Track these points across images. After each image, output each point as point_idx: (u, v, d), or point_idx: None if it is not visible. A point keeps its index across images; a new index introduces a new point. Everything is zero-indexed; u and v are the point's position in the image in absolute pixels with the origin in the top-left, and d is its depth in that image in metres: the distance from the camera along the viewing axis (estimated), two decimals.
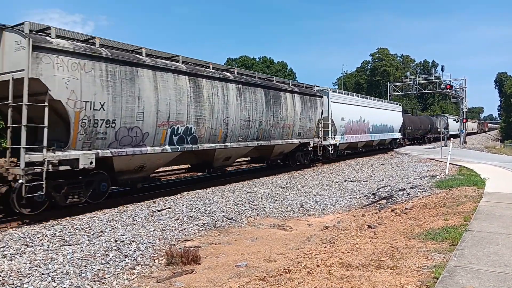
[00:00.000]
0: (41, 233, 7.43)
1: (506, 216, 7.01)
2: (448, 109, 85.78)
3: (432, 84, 44.35)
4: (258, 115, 15.03)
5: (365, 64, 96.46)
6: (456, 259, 4.69)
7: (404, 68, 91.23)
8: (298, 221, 9.67)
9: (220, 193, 12.34)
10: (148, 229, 8.05)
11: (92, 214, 9.29)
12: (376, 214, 9.60)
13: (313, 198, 12.22)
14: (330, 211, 10.77)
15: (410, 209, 9.02)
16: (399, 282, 4.18)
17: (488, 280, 4.02)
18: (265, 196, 12.05)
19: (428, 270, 4.46)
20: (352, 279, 4.47)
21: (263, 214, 10.06)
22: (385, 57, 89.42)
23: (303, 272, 4.99)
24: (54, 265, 5.98)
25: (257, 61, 79.99)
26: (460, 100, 44.09)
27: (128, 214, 9.17)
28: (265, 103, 15.43)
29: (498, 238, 5.57)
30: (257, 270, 5.80)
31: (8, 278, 5.49)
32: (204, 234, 8.21)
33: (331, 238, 7.54)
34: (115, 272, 5.96)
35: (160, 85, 10.93)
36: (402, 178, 15.74)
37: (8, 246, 6.67)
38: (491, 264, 4.52)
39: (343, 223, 9.11)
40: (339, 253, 5.95)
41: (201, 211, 9.76)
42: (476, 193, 9.64)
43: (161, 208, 9.84)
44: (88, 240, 7.24)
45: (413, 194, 11.39)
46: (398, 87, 47.47)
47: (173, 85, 11.35)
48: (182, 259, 6.25)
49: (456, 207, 8.14)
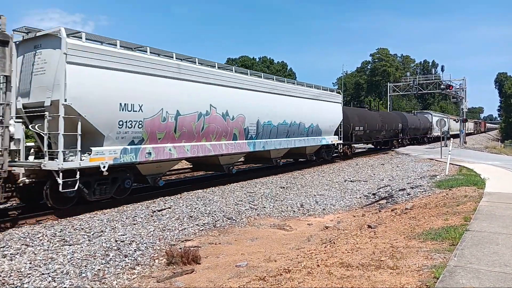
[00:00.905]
0: (41, 233, 7.43)
1: (506, 216, 7.01)
2: (448, 109, 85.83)
3: (432, 84, 44.35)
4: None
5: (365, 64, 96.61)
6: (456, 259, 4.69)
7: (404, 68, 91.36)
8: (298, 221, 9.67)
9: (220, 193, 12.35)
10: (148, 229, 8.05)
11: (92, 214, 9.29)
12: (376, 214, 9.60)
13: (313, 198, 12.23)
14: (330, 211, 10.77)
15: (410, 209, 9.02)
16: (399, 282, 4.19)
17: (488, 280, 4.02)
18: (265, 196, 12.06)
19: (428, 270, 4.46)
20: (352, 279, 4.47)
21: (263, 214, 10.06)
22: (385, 57, 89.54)
23: (303, 272, 4.99)
24: (54, 265, 5.98)
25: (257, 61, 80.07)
26: (460, 100, 44.09)
27: (128, 214, 9.17)
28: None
29: (498, 238, 5.57)
30: (257, 270, 5.80)
31: (9, 278, 5.49)
32: (204, 234, 8.21)
33: (331, 238, 7.55)
34: (115, 272, 5.97)
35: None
36: (402, 178, 15.73)
37: (9, 246, 6.67)
38: (491, 264, 4.52)
39: (343, 223, 9.11)
40: (339, 253, 5.95)
41: (201, 211, 9.77)
42: (476, 193, 9.64)
43: (161, 208, 9.84)
44: (88, 240, 7.24)
45: (413, 194, 11.39)
46: (398, 87, 47.51)
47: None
48: (182, 259, 6.25)
49: (456, 207, 8.14)
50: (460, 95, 43.50)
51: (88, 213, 9.31)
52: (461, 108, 44.26)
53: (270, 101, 16.16)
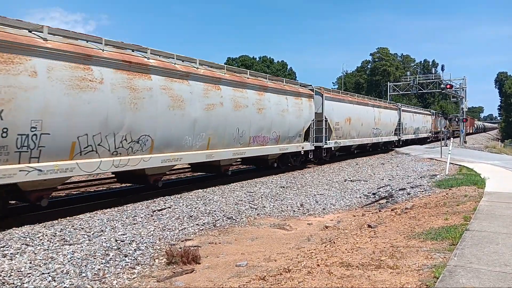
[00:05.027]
0: (41, 233, 7.43)
1: (506, 215, 7.01)
2: (448, 109, 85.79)
3: (432, 83, 44.29)
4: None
5: (365, 64, 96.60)
6: (456, 258, 4.69)
7: (404, 67, 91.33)
8: (298, 220, 9.67)
9: (220, 192, 12.35)
10: (148, 229, 8.05)
11: (92, 213, 9.28)
12: (376, 214, 9.60)
13: (313, 197, 12.22)
14: (330, 211, 10.76)
15: (410, 208, 9.02)
16: (399, 282, 4.19)
17: (488, 280, 4.02)
18: (265, 196, 12.06)
19: (428, 269, 4.46)
20: (352, 278, 4.47)
21: (263, 214, 10.06)
22: (385, 56, 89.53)
23: (303, 272, 4.99)
24: (55, 264, 5.98)
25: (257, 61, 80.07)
26: (460, 99, 44.05)
27: (128, 214, 9.17)
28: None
29: (498, 238, 5.57)
30: (257, 270, 5.80)
31: (9, 278, 5.49)
32: (204, 233, 8.21)
33: (331, 238, 7.54)
34: (115, 272, 5.96)
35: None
36: (402, 177, 15.73)
37: (9, 246, 6.66)
38: (491, 263, 4.52)
39: (343, 223, 9.11)
40: (339, 252, 5.95)
41: (201, 210, 9.77)
42: (476, 192, 9.64)
43: (161, 208, 9.85)
44: (88, 239, 7.24)
45: (413, 194, 11.39)
46: (398, 87, 47.45)
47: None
48: (182, 259, 6.25)
49: (456, 206, 8.14)
50: (460, 95, 43.46)
51: (88, 213, 9.30)
52: (461, 107, 44.23)
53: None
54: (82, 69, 8.97)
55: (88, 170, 9.19)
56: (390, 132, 31.86)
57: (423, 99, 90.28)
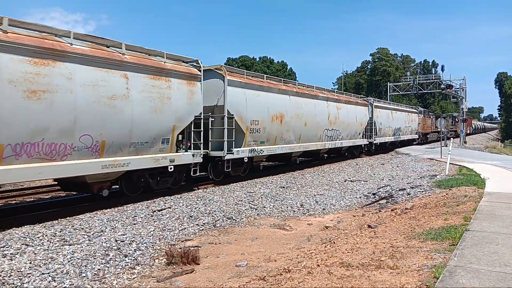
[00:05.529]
0: (41, 233, 7.43)
1: (506, 216, 7.01)
2: (448, 109, 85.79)
3: (432, 84, 44.30)
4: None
5: (365, 64, 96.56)
6: (456, 258, 4.69)
7: (404, 68, 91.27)
8: (298, 220, 9.67)
9: (220, 192, 12.35)
10: (148, 229, 8.05)
11: (92, 214, 9.29)
12: (376, 214, 9.60)
13: (313, 197, 12.22)
14: (330, 211, 10.77)
15: (410, 208, 9.02)
16: (399, 282, 4.18)
17: (488, 280, 4.02)
18: (265, 196, 12.06)
19: (428, 269, 4.46)
20: (352, 279, 4.47)
21: (263, 214, 10.06)
22: (385, 57, 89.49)
23: (303, 272, 4.99)
24: (54, 264, 5.98)
25: (257, 61, 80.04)
26: (460, 100, 44.08)
27: (128, 214, 9.17)
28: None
29: (498, 238, 5.57)
30: (257, 270, 5.80)
31: (9, 278, 5.49)
32: (204, 233, 8.21)
33: (331, 238, 7.54)
34: (115, 272, 5.96)
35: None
36: (402, 178, 15.73)
37: (9, 246, 6.66)
38: (491, 264, 4.52)
39: (343, 223, 9.11)
40: (339, 252, 5.95)
41: (201, 210, 9.77)
42: (476, 193, 9.64)
43: (161, 208, 9.85)
44: (88, 239, 7.24)
45: (413, 194, 11.39)
46: (398, 87, 47.46)
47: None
48: (182, 259, 6.25)
49: (456, 207, 8.14)
50: (460, 95, 43.49)
51: (88, 213, 9.31)
52: (461, 107, 44.24)
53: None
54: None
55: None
56: (356, 134, 25.21)
57: (423, 99, 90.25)
